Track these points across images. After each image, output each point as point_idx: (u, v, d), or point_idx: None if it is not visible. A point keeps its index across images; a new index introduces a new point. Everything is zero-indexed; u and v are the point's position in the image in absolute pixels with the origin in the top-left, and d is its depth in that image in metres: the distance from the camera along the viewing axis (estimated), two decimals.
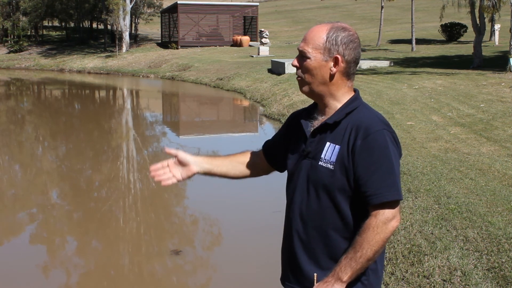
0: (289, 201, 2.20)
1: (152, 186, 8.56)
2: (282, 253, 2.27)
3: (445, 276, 4.14)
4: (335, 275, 2.00)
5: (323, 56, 2.06)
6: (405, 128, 10.00)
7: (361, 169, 1.99)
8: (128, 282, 5.26)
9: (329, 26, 2.08)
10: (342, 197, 2.03)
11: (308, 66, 2.08)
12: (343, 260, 1.99)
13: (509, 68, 17.73)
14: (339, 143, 2.04)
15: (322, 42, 2.06)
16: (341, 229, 2.05)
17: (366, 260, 1.96)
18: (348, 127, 2.04)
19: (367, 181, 1.98)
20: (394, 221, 1.97)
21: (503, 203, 5.58)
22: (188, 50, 37.91)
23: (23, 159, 10.92)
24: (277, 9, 68.35)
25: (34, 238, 6.52)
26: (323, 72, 2.08)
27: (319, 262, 2.09)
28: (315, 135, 2.11)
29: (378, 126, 2.02)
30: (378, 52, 29.63)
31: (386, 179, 1.97)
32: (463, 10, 26.87)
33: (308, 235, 2.10)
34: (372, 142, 1.98)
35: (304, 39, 2.10)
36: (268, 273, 4.84)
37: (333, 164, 2.03)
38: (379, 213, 1.96)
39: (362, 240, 1.96)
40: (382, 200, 1.96)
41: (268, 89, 18.74)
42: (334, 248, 2.07)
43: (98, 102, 23.03)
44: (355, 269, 1.97)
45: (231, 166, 2.41)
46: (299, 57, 2.12)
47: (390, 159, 1.99)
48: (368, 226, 1.96)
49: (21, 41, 44.92)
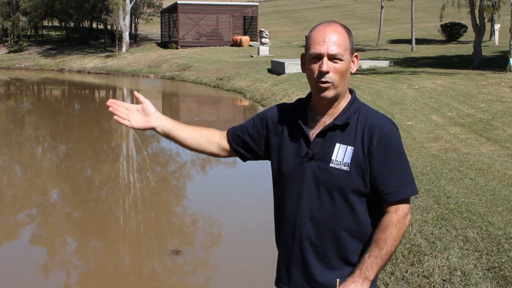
0: (292, 206, 2.12)
1: (152, 186, 8.56)
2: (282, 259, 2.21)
3: (445, 276, 4.14)
4: (361, 275, 2.00)
5: (349, 56, 2.06)
6: (405, 128, 10.00)
7: (379, 169, 2.01)
8: (128, 282, 5.26)
9: (341, 26, 2.07)
10: (357, 198, 2.04)
11: (341, 69, 2.03)
12: (367, 259, 2.00)
13: (509, 68, 17.73)
14: (352, 144, 2.03)
15: (348, 42, 2.05)
16: (354, 229, 2.06)
17: (390, 256, 2.01)
18: (359, 127, 2.04)
19: (385, 179, 2.01)
20: (409, 214, 2.05)
21: (503, 203, 5.58)
22: (188, 50, 37.91)
23: (23, 159, 10.92)
24: (277, 9, 68.35)
25: (34, 238, 6.52)
26: (348, 73, 2.08)
27: (330, 263, 2.09)
28: (321, 136, 2.08)
29: (389, 125, 2.06)
30: (378, 52, 29.64)
31: (404, 176, 2.03)
32: (463, 10, 26.89)
33: (320, 238, 2.08)
34: (387, 142, 2.02)
35: (329, 41, 2.01)
36: (268, 273, 4.83)
37: (348, 165, 2.02)
38: (398, 209, 2.01)
39: (386, 237, 1.99)
40: (402, 197, 2.01)
41: (268, 89, 18.75)
42: (344, 248, 2.07)
43: (98, 102, 23.02)
44: (380, 266, 2.00)
45: (191, 135, 2.29)
46: (328, 61, 2.02)
47: (405, 157, 2.06)
48: (390, 223, 2.00)
49: (21, 41, 44.93)
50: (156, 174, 9.41)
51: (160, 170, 9.89)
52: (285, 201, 2.15)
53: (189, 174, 9.63)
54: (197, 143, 2.30)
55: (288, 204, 2.14)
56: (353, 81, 17.27)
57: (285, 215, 2.16)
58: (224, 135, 2.35)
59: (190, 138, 2.29)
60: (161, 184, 8.84)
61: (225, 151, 2.34)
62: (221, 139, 2.34)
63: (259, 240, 5.99)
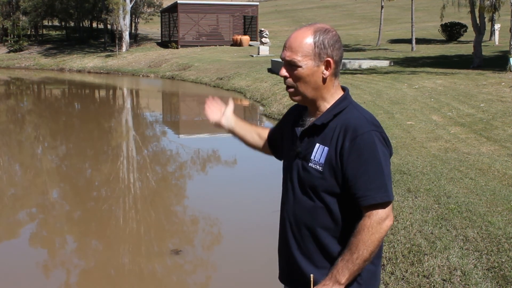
0: (283, 201, 2.21)
1: (152, 186, 8.56)
2: (279, 253, 2.28)
3: (445, 276, 4.14)
4: (332, 278, 1.99)
5: (314, 62, 2.03)
6: (405, 127, 10.00)
7: (350, 171, 1.98)
8: (128, 282, 5.26)
9: (311, 30, 2.03)
10: (332, 198, 2.04)
11: (300, 75, 2.04)
12: (340, 262, 1.99)
13: (509, 68, 17.72)
14: (328, 144, 2.03)
15: (311, 48, 2.02)
16: (332, 228, 2.06)
17: (362, 261, 1.96)
18: (337, 128, 2.03)
19: (355, 183, 1.97)
20: (387, 220, 1.97)
21: (503, 203, 5.58)
22: (188, 49, 37.92)
23: (23, 159, 10.92)
24: (277, 9, 68.34)
25: (34, 237, 6.52)
26: (316, 78, 2.05)
27: (314, 261, 2.09)
28: (304, 136, 2.12)
29: (366, 127, 1.99)
30: (378, 52, 29.63)
31: (374, 180, 1.96)
32: (463, 9, 26.88)
33: (301, 234, 2.11)
34: (360, 144, 1.97)
35: (288, 47, 2.04)
36: (268, 272, 4.84)
37: (322, 165, 2.02)
38: (372, 213, 1.96)
39: (357, 241, 1.96)
40: (371, 202, 1.96)
41: (268, 89, 18.74)
42: (326, 247, 2.07)
43: (98, 101, 23.02)
44: (352, 271, 1.97)
45: (249, 132, 2.54)
46: (287, 66, 2.06)
47: (379, 160, 1.97)
48: (362, 227, 1.96)
49: (21, 41, 44.94)
50: (156, 174, 9.41)
51: (160, 169, 9.89)
52: (281, 196, 2.24)
53: (189, 174, 9.63)
54: (253, 140, 2.54)
55: (282, 199, 2.24)
56: (353, 80, 17.27)
57: (281, 211, 2.24)
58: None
59: (248, 134, 2.55)
60: (161, 183, 8.84)
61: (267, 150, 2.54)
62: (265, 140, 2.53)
63: (259, 239, 6.00)
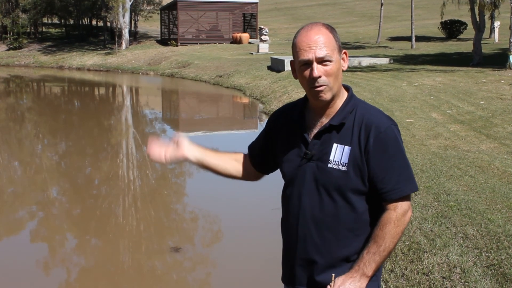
0: (295, 207, 2.13)
1: (152, 183, 8.56)
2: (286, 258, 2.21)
3: (445, 273, 4.15)
4: (359, 271, 2.00)
5: (338, 55, 2.04)
6: (404, 125, 10.00)
7: (377, 167, 2.00)
8: (128, 279, 5.27)
9: (323, 26, 2.05)
10: (356, 197, 2.04)
11: (333, 70, 2.01)
12: (366, 255, 2.01)
13: (508, 65, 17.71)
14: (348, 143, 2.02)
15: (334, 42, 2.03)
16: (356, 228, 2.06)
17: (388, 252, 2.01)
18: (355, 126, 2.03)
19: (384, 177, 2.00)
20: (409, 212, 2.04)
21: (503, 201, 5.58)
22: (187, 47, 37.89)
23: (23, 156, 10.92)
24: (277, 6, 68.26)
25: (34, 235, 6.52)
26: (341, 72, 2.06)
27: (334, 263, 2.09)
28: (318, 137, 2.08)
29: (387, 122, 2.04)
30: (377, 49, 29.61)
31: (403, 173, 2.03)
32: (463, 7, 26.87)
33: (323, 238, 2.08)
34: (385, 139, 2.00)
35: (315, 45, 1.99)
36: (267, 269, 4.84)
37: (346, 165, 2.02)
38: (397, 206, 2.01)
39: (384, 234, 1.99)
40: (401, 195, 2.01)
41: (267, 86, 18.73)
42: (348, 247, 2.07)
43: (98, 99, 23.01)
44: (378, 263, 2.01)
45: (222, 161, 2.33)
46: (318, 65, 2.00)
47: (403, 153, 2.04)
48: (389, 220, 2.00)
49: (20, 38, 44.89)
50: (156, 171, 9.41)
51: (160, 167, 9.89)
52: (289, 201, 2.17)
53: (189, 171, 9.63)
54: (229, 169, 2.34)
55: (291, 204, 2.16)
56: (353, 78, 17.25)
57: (289, 215, 2.17)
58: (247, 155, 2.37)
59: (221, 164, 2.33)
60: (161, 181, 8.84)
61: (252, 172, 2.37)
62: (246, 160, 2.36)
63: (259, 237, 6.00)
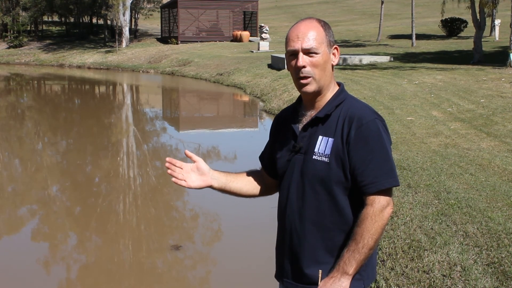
0: (283, 199, 2.18)
1: (152, 182, 8.57)
2: (277, 250, 2.26)
3: (445, 271, 4.15)
4: (340, 269, 1.99)
5: (327, 48, 2.07)
6: (405, 123, 10.00)
7: (357, 159, 2.00)
8: (129, 277, 5.27)
9: (316, 20, 2.09)
10: (339, 189, 2.04)
11: (319, 62, 2.05)
12: (346, 253, 1.99)
13: (509, 63, 17.71)
14: (332, 135, 2.04)
15: (323, 35, 2.07)
16: (339, 222, 2.06)
17: (368, 249, 1.97)
18: (340, 119, 2.05)
19: (364, 170, 1.99)
20: (389, 207, 2.00)
21: (503, 198, 5.58)
22: (188, 45, 37.89)
23: (23, 154, 10.93)
24: (277, 4, 68.22)
25: (35, 233, 6.53)
26: (328, 65, 2.09)
27: (317, 257, 2.09)
28: (306, 129, 2.11)
29: (370, 115, 2.03)
30: (378, 47, 29.60)
31: (383, 166, 2.00)
32: (463, 5, 26.84)
33: (305, 230, 2.09)
34: (366, 132, 2.00)
35: (302, 37, 2.05)
36: (267, 268, 4.84)
37: (328, 156, 2.03)
38: (374, 201, 1.98)
39: (361, 230, 1.97)
40: (379, 188, 1.98)
41: (268, 84, 18.73)
42: (332, 241, 2.07)
43: (98, 97, 23.01)
44: (359, 261, 1.98)
45: (244, 183, 2.35)
46: (303, 55, 2.05)
47: (385, 147, 2.02)
48: (366, 216, 1.97)
49: (21, 36, 44.91)
50: (156, 169, 9.42)
51: (160, 165, 9.89)
52: (281, 195, 2.21)
53: None
54: (252, 188, 2.36)
55: (281, 197, 2.20)
56: (353, 76, 17.25)
57: (280, 209, 2.21)
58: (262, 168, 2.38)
59: (244, 185, 2.34)
60: (161, 179, 8.84)
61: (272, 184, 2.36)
62: (263, 173, 2.38)
63: (259, 235, 6.00)
